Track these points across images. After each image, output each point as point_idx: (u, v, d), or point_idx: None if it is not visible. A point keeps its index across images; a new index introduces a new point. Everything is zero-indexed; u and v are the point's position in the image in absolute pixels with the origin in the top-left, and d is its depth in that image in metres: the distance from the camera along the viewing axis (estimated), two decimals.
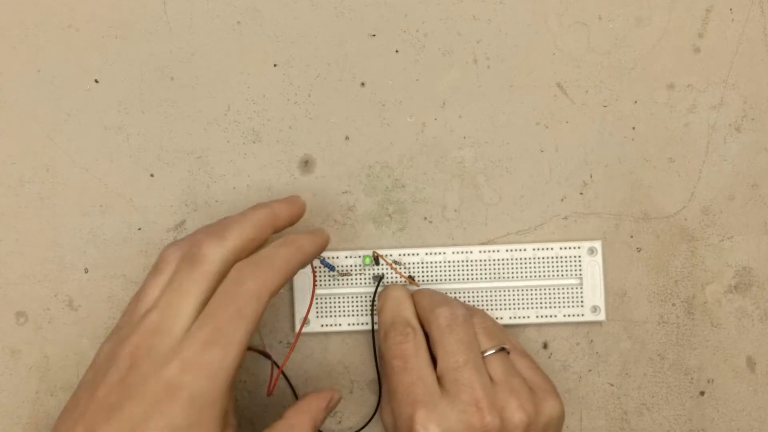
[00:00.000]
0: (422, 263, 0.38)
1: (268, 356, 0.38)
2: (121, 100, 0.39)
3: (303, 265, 0.32)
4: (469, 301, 0.38)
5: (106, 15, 0.39)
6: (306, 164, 0.39)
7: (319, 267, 0.38)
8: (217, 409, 0.29)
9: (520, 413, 0.31)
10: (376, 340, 0.38)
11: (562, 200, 0.39)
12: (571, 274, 0.38)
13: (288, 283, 0.39)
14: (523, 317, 0.38)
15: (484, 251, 0.38)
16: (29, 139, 0.39)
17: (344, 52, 0.39)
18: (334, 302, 0.38)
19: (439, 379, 0.32)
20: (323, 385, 0.39)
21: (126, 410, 0.28)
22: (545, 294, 0.38)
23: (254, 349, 0.38)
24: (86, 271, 0.39)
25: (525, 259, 0.38)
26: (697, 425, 0.39)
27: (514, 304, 0.38)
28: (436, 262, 0.38)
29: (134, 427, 0.27)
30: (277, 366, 0.38)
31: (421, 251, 0.38)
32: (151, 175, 0.39)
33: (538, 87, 0.39)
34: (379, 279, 0.38)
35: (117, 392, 0.28)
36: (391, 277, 0.38)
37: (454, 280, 0.38)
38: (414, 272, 0.38)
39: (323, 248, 0.34)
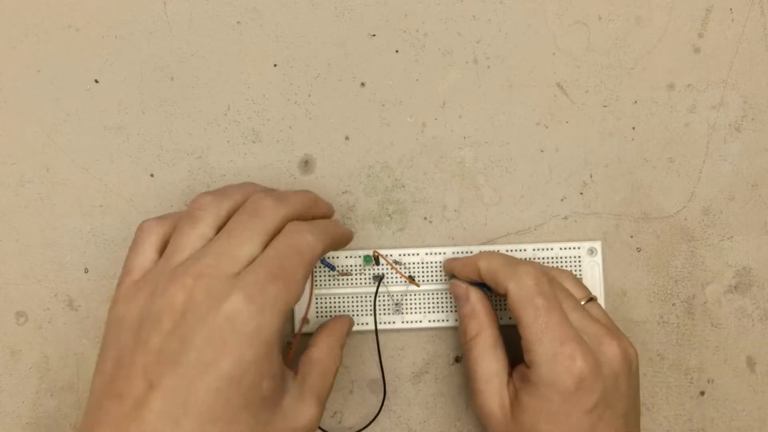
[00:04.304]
0: (422, 263, 0.38)
1: None
2: (121, 100, 0.39)
3: (334, 248, 0.33)
4: None
5: (106, 15, 0.39)
6: (306, 164, 0.39)
7: (319, 267, 0.38)
8: (280, 346, 0.28)
9: (632, 348, 0.34)
10: (379, 339, 0.38)
11: (562, 200, 0.39)
12: (572, 273, 0.38)
13: None
14: None
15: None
16: (29, 139, 0.39)
17: (344, 52, 0.39)
18: (334, 302, 0.38)
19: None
20: None
21: (191, 353, 0.27)
22: None
23: None
24: (86, 271, 0.39)
25: (525, 259, 0.38)
26: (697, 425, 0.39)
27: None
28: (436, 262, 0.38)
29: (203, 368, 0.26)
30: None
31: (421, 251, 0.38)
32: (151, 175, 0.39)
33: (538, 87, 0.39)
34: (379, 279, 0.38)
35: (175, 338, 0.27)
36: (391, 277, 0.38)
37: None
38: (414, 272, 0.38)
39: (347, 244, 0.35)
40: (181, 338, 0.27)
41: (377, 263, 0.38)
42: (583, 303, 0.35)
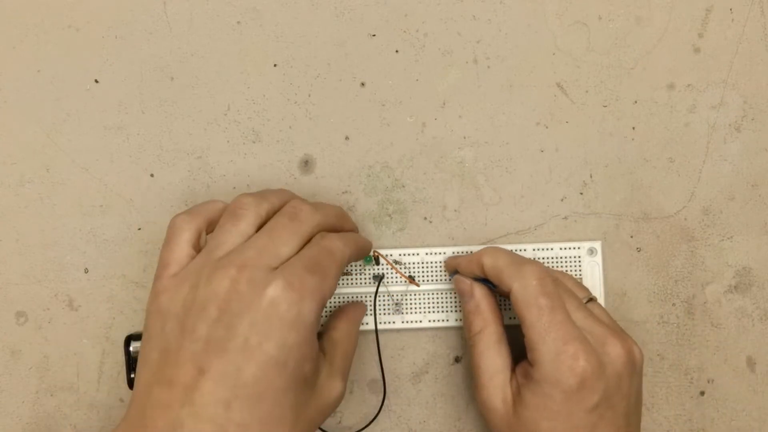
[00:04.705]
0: (422, 263, 0.38)
1: None
2: (121, 100, 0.39)
3: (357, 257, 0.35)
4: None
5: (106, 15, 0.39)
6: (306, 164, 0.39)
7: None
8: (316, 333, 0.30)
9: (638, 348, 0.34)
10: (379, 339, 0.38)
11: (562, 200, 0.39)
12: (571, 275, 0.38)
13: None
14: None
15: None
16: (29, 139, 0.39)
17: (344, 52, 0.39)
18: (335, 302, 0.38)
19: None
20: None
21: (237, 338, 0.28)
22: None
23: None
24: (86, 271, 0.39)
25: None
26: (697, 425, 0.39)
27: None
28: (436, 262, 0.38)
29: (250, 352, 0.28)
30: None
31: (421, 251, 0.38)
32: (151, 175, 0.39)
33: (538, 87, 0.39)
34: (379, 279, 0.38)
35: (221, 326, 0.28)
36: (391, 277, 0.38)
37: None
38: (414, 272, 0.38)
39: (367, 254, 0.37)
40: (227, 325, 0.28)
41: (377, 263, 0.38)
42: (584, 303, 0.35)
